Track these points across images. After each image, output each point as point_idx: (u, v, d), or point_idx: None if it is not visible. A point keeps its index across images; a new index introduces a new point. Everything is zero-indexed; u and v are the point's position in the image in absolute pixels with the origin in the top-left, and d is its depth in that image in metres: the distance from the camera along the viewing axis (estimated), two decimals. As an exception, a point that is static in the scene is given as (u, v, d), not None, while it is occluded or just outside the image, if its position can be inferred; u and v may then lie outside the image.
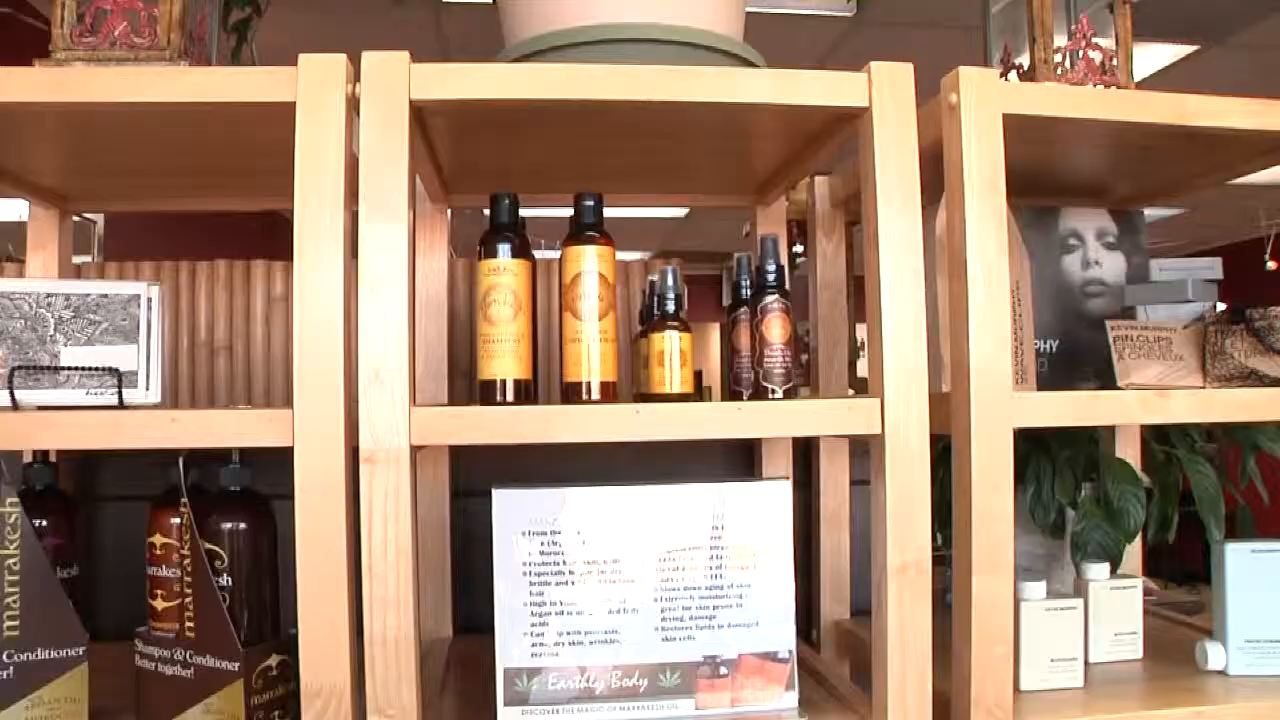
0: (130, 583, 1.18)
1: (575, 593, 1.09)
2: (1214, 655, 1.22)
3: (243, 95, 0.99)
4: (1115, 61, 1.20)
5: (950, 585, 1.12)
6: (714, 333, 7.29)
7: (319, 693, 0.96)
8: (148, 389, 1.05)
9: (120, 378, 1.04)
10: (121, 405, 1.03)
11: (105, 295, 1.06)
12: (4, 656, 1.03)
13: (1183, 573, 5.04)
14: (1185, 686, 1.18)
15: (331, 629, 0.96)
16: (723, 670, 1.10)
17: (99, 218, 3.41)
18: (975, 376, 1.05)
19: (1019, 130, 1.08)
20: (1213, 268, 1.40)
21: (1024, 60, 1.22)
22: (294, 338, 0.97)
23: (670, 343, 1.09)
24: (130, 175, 1.33)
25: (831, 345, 1.46)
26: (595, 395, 1.06)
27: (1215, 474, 1.38)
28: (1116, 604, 1.28)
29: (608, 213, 1.11)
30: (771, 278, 1.13)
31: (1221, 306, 1.31)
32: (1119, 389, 1.18)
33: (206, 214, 1.51)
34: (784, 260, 1.16)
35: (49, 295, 1.05)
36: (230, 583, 1.05)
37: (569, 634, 1.08)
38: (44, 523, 1.18)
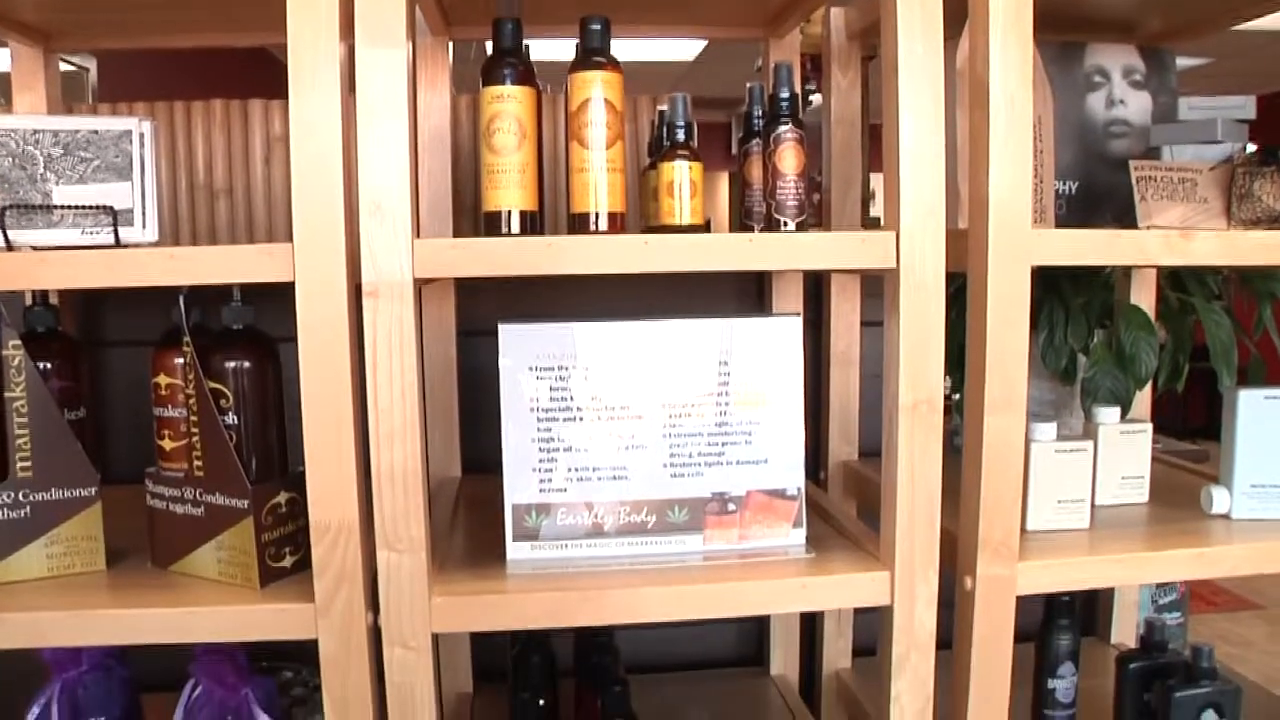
0: (139, 426, 1.18)
1: (583, 429, 1.08)
2: (1219, 499, 1.22)
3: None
4: (1155, -122, 1.13)
5: (959, 429, 1.12)
6: (722, 181, 7.13)
7: (328, 528, 0.97)
8: (144, 227, 1.03)
9: (116, 216, 1.01)
10: (118, 244, 1.01)
11: (96, 131, 1.02)
12: (19, 496, 1.04)
13: (1186, 428, 5.11)
14: (1189, 529, 1.20)
15: (339, 464, 0.96)
16: (731, 507, 1.11)
17: (91, 65, 3.30)
18: (994, 210, 1.02)
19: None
20: (1245, 106, 1.34)
21: (1057, -123, 1.15)
22: (291, 170, 0.94)
23: (680, 172, 1.06)
24: (115, 8, 1.28)
25: (844, 185, 1.42)
26: (603, 226, 1.03)
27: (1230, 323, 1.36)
28: (1125, 448, 1.28)
29: (614, 52, 1.06)
30: (785, 106, 1.08)
31: (1252, 148, 1.26)
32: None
33: (201, 57, 1.46)
34: (797, 90, 1.11)
35: (36, 132, 1.01)
36: (236, 421, 1.05)
37: (577, 470, 1.08)
38: (48, 365, 1.18)
